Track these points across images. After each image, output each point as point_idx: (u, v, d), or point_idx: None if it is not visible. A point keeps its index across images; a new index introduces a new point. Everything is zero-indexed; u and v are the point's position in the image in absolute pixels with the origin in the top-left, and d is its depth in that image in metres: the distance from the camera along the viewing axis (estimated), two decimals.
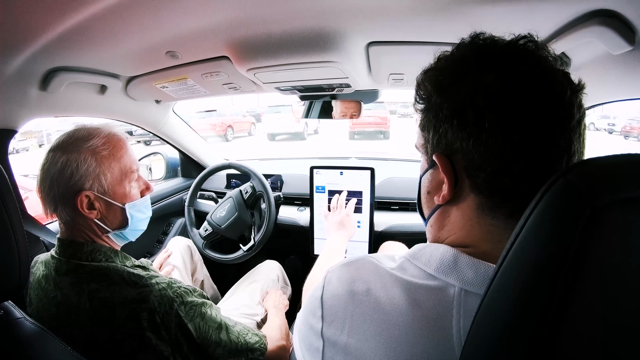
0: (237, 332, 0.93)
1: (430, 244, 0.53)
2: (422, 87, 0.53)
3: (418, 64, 1.11)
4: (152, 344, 0.78)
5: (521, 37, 0.48)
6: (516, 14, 0.78)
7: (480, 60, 0.47)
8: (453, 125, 0.48)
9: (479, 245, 0.48)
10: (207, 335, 0.86)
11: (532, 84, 0.44)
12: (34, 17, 0.77)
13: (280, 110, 14.02)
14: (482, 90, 0.45)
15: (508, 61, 0.46)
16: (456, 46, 0.51)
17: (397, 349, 0.44)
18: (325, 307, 0.52)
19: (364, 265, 0.53)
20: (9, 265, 0.69)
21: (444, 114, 0.49)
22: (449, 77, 0.49)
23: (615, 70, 0.90)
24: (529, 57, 0.46)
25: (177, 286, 0.85)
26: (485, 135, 0.44)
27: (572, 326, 0.28)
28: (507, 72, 0.45)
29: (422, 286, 0.48)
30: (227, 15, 0.85)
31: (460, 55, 0.50)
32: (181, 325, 0.82)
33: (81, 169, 0.82)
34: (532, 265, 0.31)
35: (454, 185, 0.50)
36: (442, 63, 0.52)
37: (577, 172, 0.30)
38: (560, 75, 0.46)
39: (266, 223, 1.69)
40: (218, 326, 0.89)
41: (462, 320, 0.44)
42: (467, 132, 0.46)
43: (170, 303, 0.80)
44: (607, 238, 0.28)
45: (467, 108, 0.46)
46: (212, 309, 0.90)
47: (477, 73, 0.46)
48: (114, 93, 1.40)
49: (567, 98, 0.44)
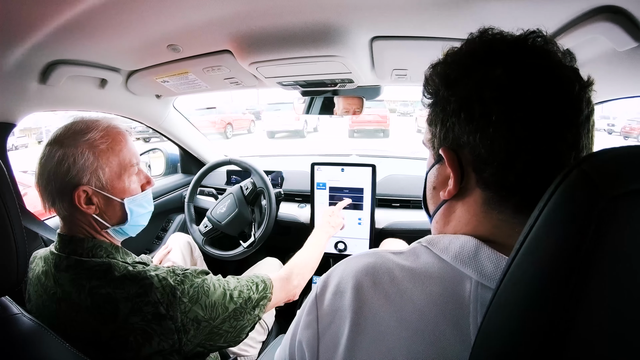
0: (238, 293, 0.93)
1: (447, 234, 0.52)
2: (430, 81, 0.53)
3: (421, 60, 1.12)
4: (157, 335, 0.77)
5: (530, 32, 0.47)
6: (522, 10, 0.78)
7: (489, 54, 0.47)
8: (460, 118, 0.47)
9: (492, 239, 0.47)
10: (215, 309, 0.86)
11: (539, 77, 0.43)
12: (33, 8, 0.76)
13: (279, 108, 14.02)
14: (489, 83, 0.45)
15: (516, 55, 0.46)
16: (465, 41, 0.51)
17: (409, 351, 0.43)
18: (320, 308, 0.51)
19: (369, 258, 0.52)
20: (7, 261, 0.68)
21: (451, 107, 0.48)
22: (457, 71, 0.49)
23: (621, 67, 0.90)
24: (537, 51, 0.46)
25: (176, 273, 0.83)
26: (492, 129, 0.44)
27: (587, 317, 0.28)
28: (514, 65, 0.44)
29: (437, 277, 0.46)
30: (231, 8, 0.84)
31: (469, 50, 0.50)
32: (187, 311, 0.81)
33: (78, 163, 0.81)
34: (548, 256, 0.31)
35: (460, 180, 0.49)
36: (451, 57, 0.51)
37: (591, 162, 0.30)
38: (569, 71, 0.45)
39: (267, 220, 1.68)
40: (222, 296, 0.88)
41: (479, 317, 0.42)
42: (474, 125, 0.45)
43: (172, 292, 0.79)
44: (622, 228, 0.28)
45: (474, 101, 0.45)
46: (213, 282, 0.89)
47: (484, 67, 0.46)
48: (114, 87, 1.39)
49: (576, 93, 0.44)
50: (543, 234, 0.32)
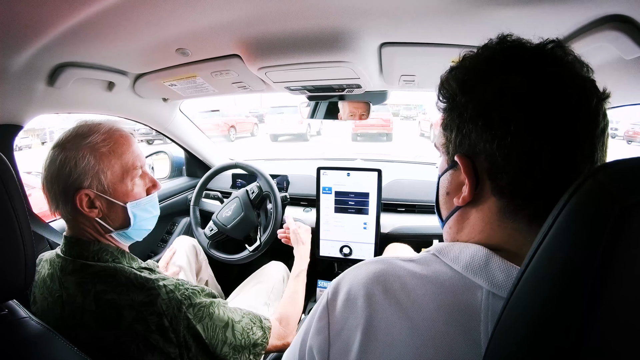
0: (241, 329, 0.91)
1: (459, 242, 0.51)
2: (446, 85, 0.52)
3: (430, 66, 1.12)
4: (159, 346, 0.77)
5: (549, 41, 0.47)
6: (531, 18, 0.78)
7: (508, 61, 0.47)
8: (478, 126, 0.47)
9: (504, 248, 0.47)
10: (215, 334, 0.85)
11: (560, 88, 0.43)
12: (42, 10, 0.76)
13: (283, 111, 14.04)
14: (509, 91, 0.44)
15: (536, 64, 0.45)
16: (483, 46, 0.50)
17: (420, 358, 0.43)
18: (332, 314, 0.51)
19: (378, 265, 0.52)
20: (15, 265, 0.68)
21: (468, 114, 0.48)
22: (475, 77, 0.48)
23: (627, 75, 0.90)
24: (556, 61, 0.46)
25: (185, 288, 0.83)
26: (511, 138, 0.44)
27: (601, 327, 0.28)
28: (535, 74, 0.44)
29: (448, 286, 0.46)
30: (241, 13, 0.84)
31: (488, 56, 0.49)
32: (190, 327, 0.80)
33: (79, 166, 0.81)
34: (561, 265, 0.31)
35: (475, 187, 0.49)
36: (468, 62, 0.51)
37: (606, 172, 0.30)
38: (588, 82, 0.45)
39: (272, 223, 1.68)
40: (225, 325, 0.87)
41: (490, 326, 0.42)
42: (492, 133, 0.45)
43: (178, 306, 0.79)
44: (637, 237, 0.27)
45: (493, 109, 0.45)
46: (220, 308, 0.88)
47: (504, 74, 0.46)
48: (122, 90, 1.39)
49: (594, 105, 0.44)
50: (556, 242, 0.32)
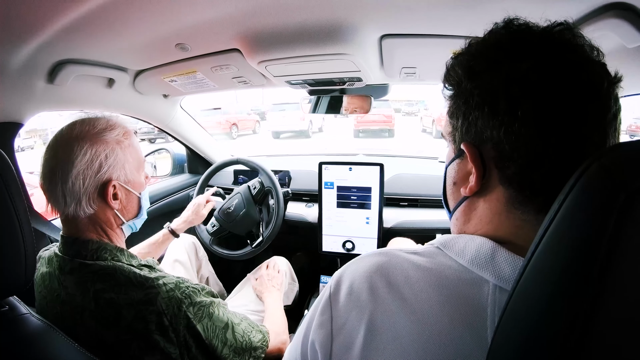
0: (241, 331, 0.92)
1: (464, 235, 0.50)
2: (452, 72, 0.51)
3: (430, 58, 1.11)
4: (159, 346, 0.76)
5: (557, 24, 0.46)
6: (532, 7, 0.76)
7: (516, 46, 0.45)
8: (484, 112, 0.45)
9: (512, 241, 0.46)
10: (215, 335, 0.85)
11: (569, 73, 0.42)
12: (42, 7, 0.75)
13: (284, 109, 13.99)
14: (517, 77, 0.43)
15: (545, 49, 0.44)
16: (489, 31, 0.49)
17: (425, 352, 0.42)
18: (335, 307, 0.50)
19: (380, 257, 0.51)
20: (15, 262, 0.68)
21: (474, 100, 0.46)
22: (481, 62, 0.47)
23: (630, 64, 0.89)
24: (566, 45, 0.44)
25: (185, 286, 0.82)
26: (518, 124, 0.42)
27: (608, 313, 0.28)
28: (543, 60, 0.43)
29: (453, 280, 0.45)
30: (240, 6, 0.83)
31: (495, 41, 0.48)
32: (190, 326, 0.80)
33: (109, 159, 0.83)
34: (567, 252, 0.30)
35: (482, 176, 0.48)
36: (474, 48, 0.49)
37: (611, 156, 0.30)
38: (598, 66, 0.44)
39: (275, 219, 1.68)
40: (225, 325, 0.88)
41: (496, 320, 0.41)
42: (499, 120, 0.44)
43: (178, 305, 0.79)
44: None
45: (500, 95, 0.44)
46: (220, 308, 0.88)
47: (512, 60, 0.44)
48: (122, 87, 1.39)
49: (605, 90, 0.42)
50: (563, 229, 0.31)
